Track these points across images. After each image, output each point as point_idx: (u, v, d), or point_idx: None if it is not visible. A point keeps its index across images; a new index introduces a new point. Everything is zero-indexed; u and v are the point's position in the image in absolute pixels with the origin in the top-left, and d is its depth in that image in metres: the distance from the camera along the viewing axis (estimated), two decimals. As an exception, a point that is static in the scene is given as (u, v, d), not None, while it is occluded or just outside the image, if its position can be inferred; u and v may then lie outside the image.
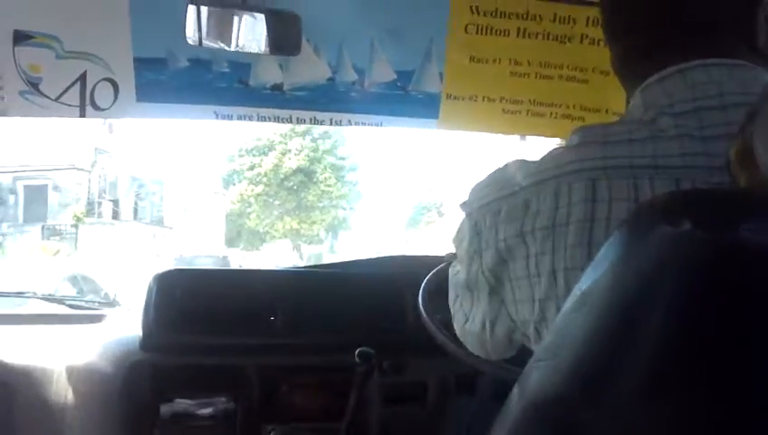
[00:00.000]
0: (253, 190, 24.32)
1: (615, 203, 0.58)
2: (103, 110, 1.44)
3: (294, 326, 1.40)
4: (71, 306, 1.65)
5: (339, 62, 1.52)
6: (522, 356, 0.72)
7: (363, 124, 1.57)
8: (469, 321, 0.75)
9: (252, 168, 24.24)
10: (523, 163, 0.67)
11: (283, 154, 23.59)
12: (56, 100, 1.41)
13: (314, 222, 24.95)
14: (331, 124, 1.57)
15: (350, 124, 1.56)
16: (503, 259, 0.66)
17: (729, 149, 0.49)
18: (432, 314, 1.08)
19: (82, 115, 1.43)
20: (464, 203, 0.72)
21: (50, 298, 1.69)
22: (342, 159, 24.94)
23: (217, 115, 1.51)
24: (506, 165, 0.70)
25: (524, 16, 1.53)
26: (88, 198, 19.48)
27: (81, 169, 19.05)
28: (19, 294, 1.62)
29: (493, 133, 1.68)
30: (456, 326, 0.80)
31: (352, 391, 1.30)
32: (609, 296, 0.40)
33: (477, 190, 0.71)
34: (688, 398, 0.35)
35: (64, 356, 1.37)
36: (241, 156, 24.37)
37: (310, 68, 1.51)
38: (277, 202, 24.60)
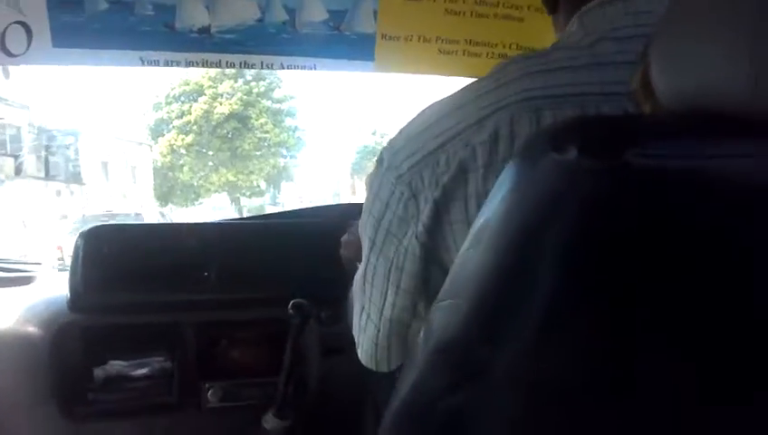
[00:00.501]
0: (183, 140, 23.05)
1: None
2: (16, 56, 1.40)
3: (228, 280, 1.41)
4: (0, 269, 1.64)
5: (267, 1, 1.53)
6: None
7: (296, 67, 1.58)
8: (383, 314, 0.72)
9: (181, 115, 22.96)
10: (449, 107, 0.66)
11: (214, 99, 22.43)
12: (-37, 46, 1.37)
13: (252, 172, 23.94)
14: (262, 67, 1.58)
15: (283, 67, 1.57)
16: (438, 211, 0.65)
17: (632, 78, 0.50)
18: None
19: (-7, 61, 1.40)
20: (385, 169, 0.69)
21: None
22: (279, 101, 23.81)
23: (143, 61, 1.50)
24: (427, 111, 0.69)
25: None
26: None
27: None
28: None
29: (429, 74, 1.74)
30: (363, 338, 0.78)
31: (288, 343, 1.33)
32: (502, 231, 0.40)
33: (403, 149, 0.68)
34: (585, 330, 0.36)
35: None
36: (168, 103, 23.03)
37: (237, 8, 1.50)
38: (210, 152, 23.48)
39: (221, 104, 22.72)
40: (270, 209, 25.19)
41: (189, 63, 1.53)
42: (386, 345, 0.75)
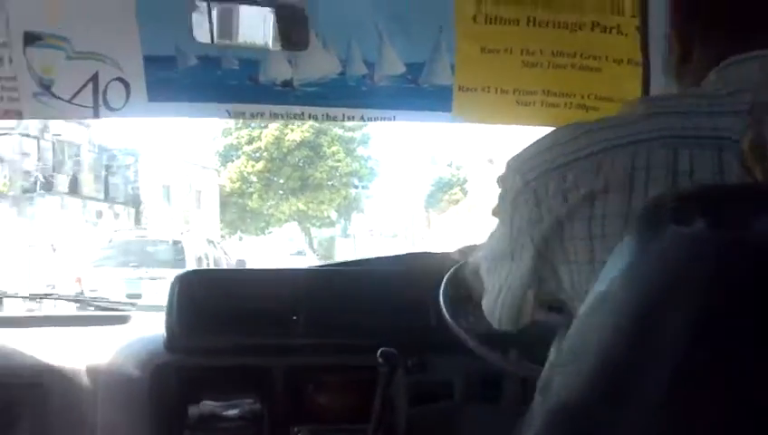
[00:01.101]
0: (253, 167, 23.75)
1: (697, 174, 0.64)
2: (116, 110, 1.58)
3: (317, 326, 1.50)
4: (96, 307, 1.82)
5: (348, 55, 1.62)
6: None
7: (376, 119, 1.69)
8: (504, 291, 0.81)
9: (250, 141, 23.67)
10: (583, 130, 0.74)
11: (285, 126, 22.44)
12: (69, 101, 1.54)
13: (323, 202, 24.31)
14: (344, 120, 1.70)
15: (363, 119, 1.69)
16: (561, 224, 0.71)
17: (741, 142, 0.54)
18: (457, 317, 1.18)
19: (96, 116, 1.56)
20: (514, 173, 0.77)
21: (76, 299, 1.86)
22: (351, 130, 23.84)
23: (230, 113, 1.64)
24: (559, 131, 0.77)
25: (534, 4, 1.62)
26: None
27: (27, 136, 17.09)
28: (45, 296, 1.78)
29: (507, 124, 1.81)
30: (487, 300, 0.86)
31: (377, 391, 1.39)
32: (626, 298, 0.43)
33: (532, 159, 0.76)
34: (709, 397, 0.38)
35: (92, 358, 1.49)
36: (238, 128, 23.53)
37: (319, 63, 1.63)
38: (281, 180, 24.05)
39: (292, 131, 23.08)
40: (340, 241, 25.95)
41: (273, 116, 1.67)
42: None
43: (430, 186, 29.01)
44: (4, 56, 1.47)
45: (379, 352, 1.38)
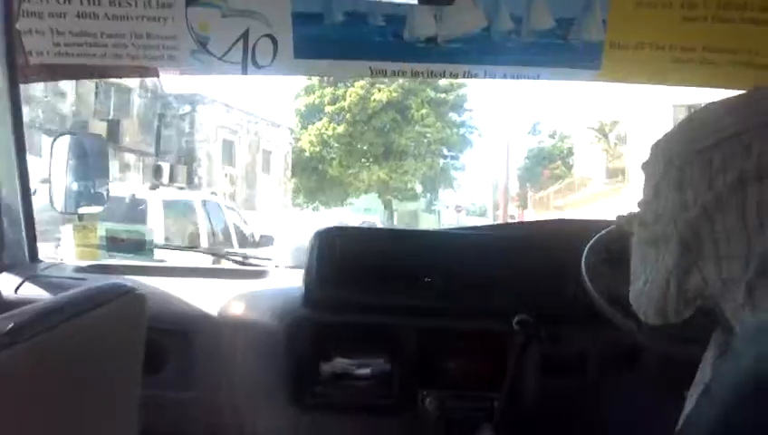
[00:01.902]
0: (334, 130, 22.72)
1: None
2: (263, 67, 1.71)
3: (451, 289, 1.57)
4: (236, 262, 2.02)
5: (495, 10, 1.65)
6: (689, 327, 0.80)
7: (519, 77, 1.74)
8: (649, 281, 0.79)
9: (334, 101, 22.70)
10: (730, 105, 0.72)
11: (372, 85, 21.54)
12: (220, 58, 1.70)
13: (407, 172, 22.95)
14: (485, 77, 1.76)
15: (506, 77, 1.75)
16: (708, 213, 0.68)
17: None
18: (596, 282, 1.22)
19: (244, 72, 1.70)
20: (658, 157, 0.75)
21: (216, 253, 2.06)
22: (445, 91, 22.43)
23: (372, 71, 1.74)
24: (704, 109, 0.75)
25: None
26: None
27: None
28: (189, 249, 1.99)
29: (659, 84, 1.83)
30: (633, 289, 0.85)
31: (509, 359, 1.47)
32: None
33: (676, 141, 0.74)
34: None
35: (233, 309, 1.63)
36: (322, 87, 22.60)
37: (465, 18, 1.69)
38: (364, 146, 22.87)
39: (379, 90, 22.05)
40: (424, 217, 24.89)
41: (415, 74, 1.75)
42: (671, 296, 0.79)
43: (525, 158, 27.38)
44: (167, 17, 1.63)
45: (516, 319, 1.46)
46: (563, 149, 26.75)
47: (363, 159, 23.45)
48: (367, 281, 1.60)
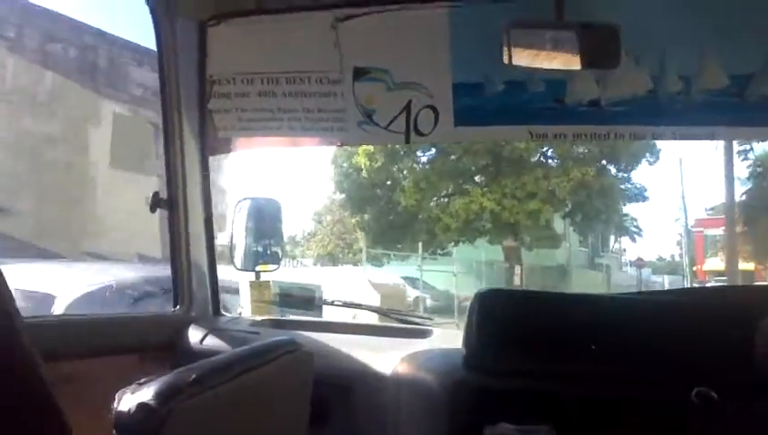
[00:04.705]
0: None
1: None
2: (424, 135, 1.76)
3: (620, 356, 1.47)
4: (398, 320, 2.05)
5: (661, 71, 1.58)
6: None
7: (689, 137, 1.63)
8: None
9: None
10: None
11: None
12: (385, 128, 1.77)
13: (533, 195, 13.92)
14: (652, 138, 1.68)
15: (675, 137, 1.64)
16: None
17: None
18: None
19: (407, 141, 1.76)
20: None
21: (378, 310, 2.11)
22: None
23: (532, 135, 1.71)
24: None
25: None
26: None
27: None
28: (356, 306, 2.06)
29: None
30: None
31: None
32: None
33: None
34: None
35: (396, 366, 1.63)
36: None
37: (629, 81, 1.61)
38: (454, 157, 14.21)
39: None
40: (581, 277, 16.05)
41: (576, 136, 1.70)
42: None
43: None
44: (337, 92, 1.72)
45: (695, 391, 1.33)
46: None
47: (458, 180, 14.71)
48: (529, 345, 1.54)
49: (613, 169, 15.00)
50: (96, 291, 2.64)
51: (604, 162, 14.87)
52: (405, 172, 15.21)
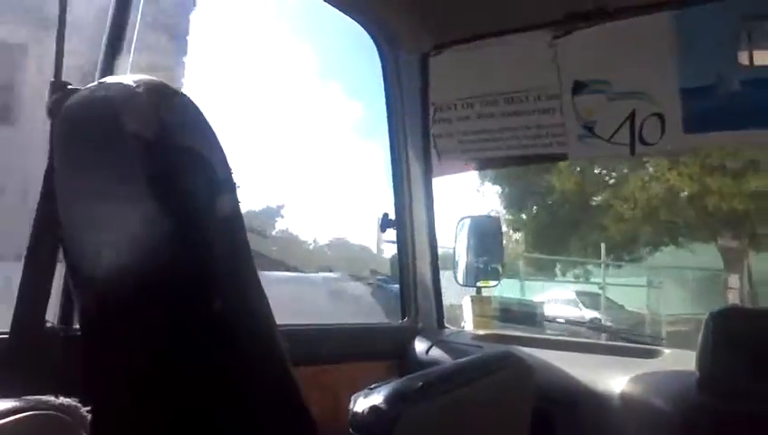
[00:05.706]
0: None
1: None
2: (651, 145, 1.66)
3: None
4: (625, 339, 1.96)
5: None
6: None
7: None
8: None
9: None
10: None
11: None
12: (608, 140, 1.71)
13: None
14: None
15: None
16: None
17: None
18: None
19: (632, 153, 1.67)
20: None
21: (606, 329, 2.04)
22: None
23: (776, 139, 1.57)
24: None
25: None
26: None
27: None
28: (579, 324, 2.02)
29: None
30: None
31: None
32: None
33: None
34: None
35: (623, 386, 1.55)
36: None
37: None
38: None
39: None
40: None
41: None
42: None
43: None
44: (555, 108, 1.70)
45: None
46: None
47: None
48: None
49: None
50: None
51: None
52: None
